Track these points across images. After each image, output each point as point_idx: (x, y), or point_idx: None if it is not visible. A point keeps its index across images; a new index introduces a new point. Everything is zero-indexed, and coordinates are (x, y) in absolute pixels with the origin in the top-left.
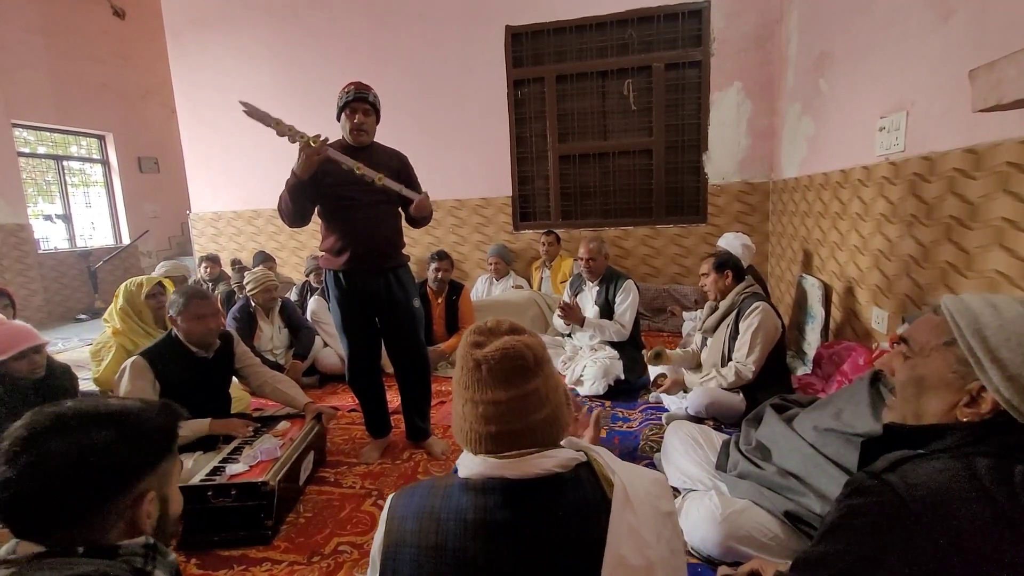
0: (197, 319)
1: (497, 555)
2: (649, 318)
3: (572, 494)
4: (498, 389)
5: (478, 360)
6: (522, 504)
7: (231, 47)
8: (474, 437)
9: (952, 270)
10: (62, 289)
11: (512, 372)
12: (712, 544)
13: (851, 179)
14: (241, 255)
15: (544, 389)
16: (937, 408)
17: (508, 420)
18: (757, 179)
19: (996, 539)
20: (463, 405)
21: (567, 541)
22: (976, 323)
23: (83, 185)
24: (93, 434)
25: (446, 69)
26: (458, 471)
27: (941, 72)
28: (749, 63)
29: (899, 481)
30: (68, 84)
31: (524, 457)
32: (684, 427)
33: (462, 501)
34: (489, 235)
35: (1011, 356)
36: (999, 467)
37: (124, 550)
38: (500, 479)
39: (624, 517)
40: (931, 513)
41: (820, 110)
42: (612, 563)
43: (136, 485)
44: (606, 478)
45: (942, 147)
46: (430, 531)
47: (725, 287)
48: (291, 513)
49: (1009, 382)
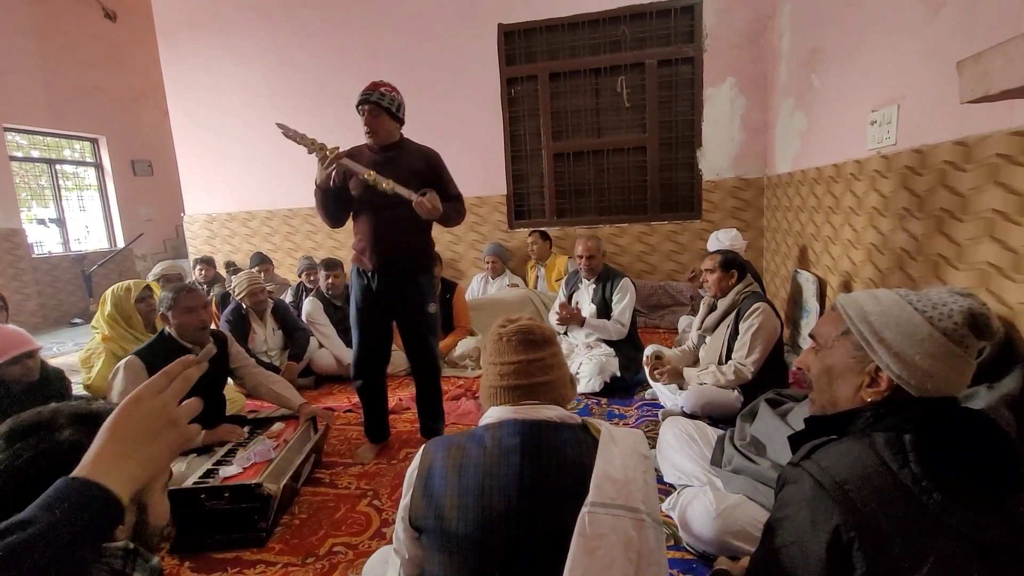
0: (187, 312)
1: (508, 467)
2: (645, 315)
3: (567, 434)
4: (516, 353)
5: (501, 333)
6: (528, 434)
7: (223, 48)
8: (495, 391)
9: (944, 262)
10: (56, 293)
11: (527, 343)
12: (707, 539)
13: (844, 173)
14: (236, 257)
15: (550, 361)
16: (846, 392)
17: (520, 376)
18: (751, 175)
19: (896, 507)
20: (489, 368)
21: (563, 463)
22: (862, 312)
23: (77, 189)
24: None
25: (439, 68)
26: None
27: (931, 65)
28: (742, 59)
29: (813, 465)
30: (60, 87)
31: (532, 405)
32: (679, 423)
33: (483, 435)
34: (484, 234)
35: (893, 336)
36: (893, 440)
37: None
38: (512, 420)
39: (608, 446)
40: (842, 491)
41: (813, 105)
42: (599, 474)
43: None
44: (595, 428)
45: (933, 140)
46: (456, 455)
47: (729, 286)
48: (286, 514)
49: (895, 358)
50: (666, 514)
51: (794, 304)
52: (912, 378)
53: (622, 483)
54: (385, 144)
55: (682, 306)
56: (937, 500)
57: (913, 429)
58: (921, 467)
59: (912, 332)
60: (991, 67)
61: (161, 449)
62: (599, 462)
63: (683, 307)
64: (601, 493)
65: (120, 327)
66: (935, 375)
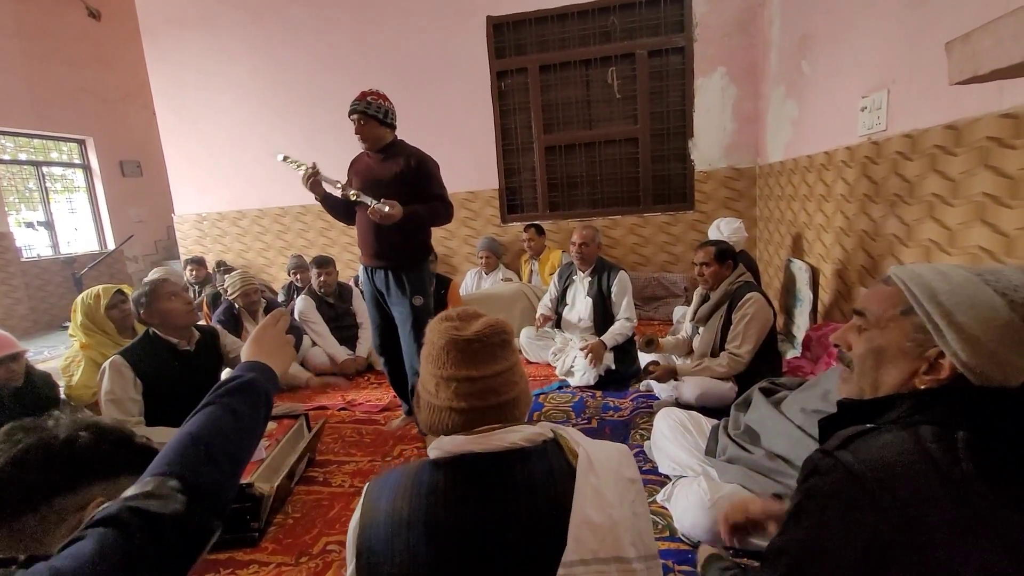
0: (168, 298)
1: (465, 524)
2: (640, 307)
3: (539, 465)
4: (477, 365)
5: (455, 337)
6: (490, 475)
7: (209, 46)
8: (446, 415)
9: (935, 247)
10: (47, 297)
11: (491, 349)
12: (702, 529)
13: (835, 160)
14: (227, 256)
15: (516, 371)
16: (896, 378)
17: (482, 396)
18: (743, 164)
19: (940, 506)
20: (436, 385)
21: (534, 508)
22: (930, 290)
23: (66, 191)
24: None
25: (428, 62)
26: (429, 455)
27: (920, 48)
28: (732, 47)
29: (850, 457)
30: (45, 88)
31: (491, 432)
32: (673, 414)
33: (433, 477)
34: (477, 229)
35: (966, 319)
36: (942, 435)
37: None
38: (469, 454)
39: (588, 480)
40: (880, 485)
41: (803, 92)
42: (578, 521)
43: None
44: (571, 450)
45: (923, 124)
46: (402, 508)
47: (724, 277)
48: (279, 514)
49: (967, 344)
50: (661, 504)
51: (787, 293)
52: (981, 367)
53: (606, 528)
54: (377, 148)
55: (676, 297)
56: (990, 503)
57: (967, 424)
58: (974, 466)
59: (990, 316)
60: (979, 47)
61: (284, 356)
62: (577, 503)
63: (677, 298)
64: (581, 547)
65: (96, 334)
66: (1006, 364)
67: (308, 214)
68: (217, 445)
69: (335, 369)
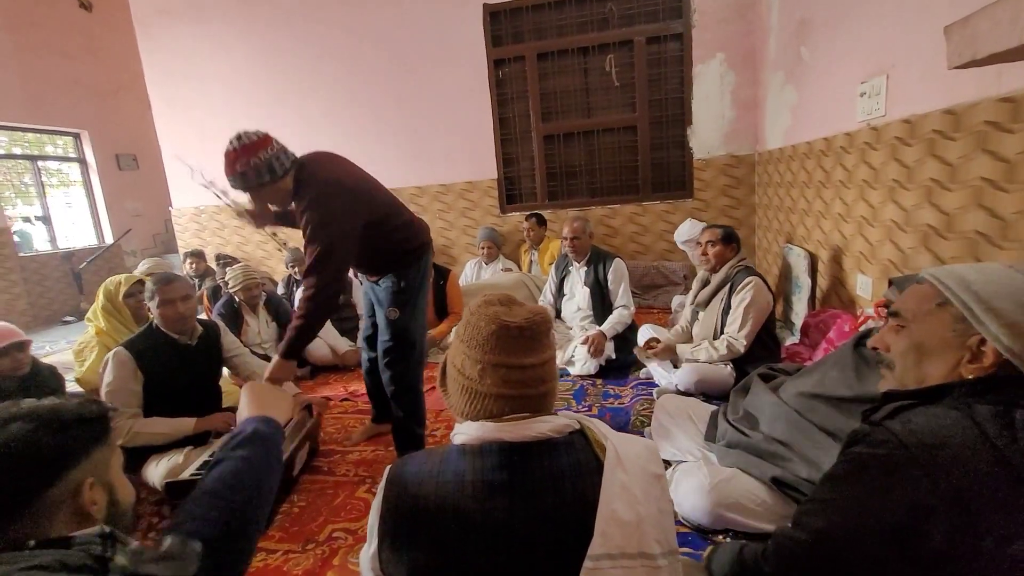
0: (164, 304)
1: (493, 513)
2: (639, 295)
3: (566, 457)
4: (537, 353)
5: (519, 325)
6: (518, 465)
7: (202, 36)
8: (484, 400)
9: (933, 232)
10: (46, 292)
11: (544, 336)
12: (702, 512)
13: (834, 147)
14: (226, 249)
15: (553, 363)
16: (941, 370)
17: (526, 385)
18: (742, 151)
19: (994, 483)
20: (481, 371)
21: (561, 500)
22: (963, 281)
23: (62, 185)
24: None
25: (424, 50)
26: (453, 440)
27: (919, 32)
28: (731, 33)
29: (900, 427)
30: (38, 81)
31: (521, 421)
32: (674, 400)
33: (460, 464)
34: (476, 219)
35: (1004, 305)
36: (1000, 413)
37: (79, 540)
38: (497, 442)
39: (616, 475)
40: (931, 456)
41: (802, 78)
42: (605, 517)
43: (68, 473)
44: (599, 443)
45: (922, 109)
46: (428, 493)
47: (727, 259)
48: (285, 503)
49: (1007, 329)
50: None
51: (785, 280)
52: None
53: (633, 525)
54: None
55: (675, 286)
56: None
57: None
58: None
59: None
60: (978, 31)
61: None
62: (605, 498)
63: (676, 287)
64: (608, 541)
65: (114, 320)
66: None
67: None
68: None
69: (336, 360)
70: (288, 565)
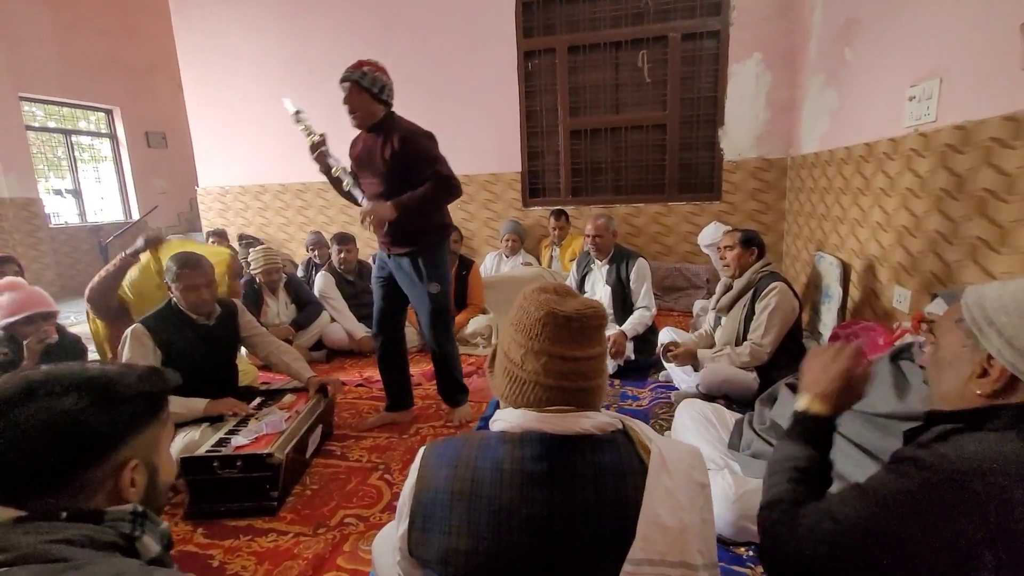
0: (188, 290)
1: (531, 504)
2: (660, 297)
3: (609, 455)
4: (584, 346)
5: (567, 315)
6: (558, 458)
7: (236, 18)
8: (530, 388)
9: (983, 246)
10: (74, 264)
11: (595, 331)
12: (724, 523)
13: (876, 152)
14: (249, 230)
15: (604, 359)
16: (954, 384)
17: (574, 378)
18: (775, 155)
19: None
20: (523, 355)
21: (602, 499)
22: (980, 297)
23: (93, 161)
24: (65, 400)
25: (455, 39)
26: (492, 427)
27: (979, 34)
28: (770, 33)
29: (951, 451)
30: (75, 57)
31: (563, 414)
32: (695, 405)
33: (499, 451)
34: (498, 211)
35: (1006, 319)
36: None
37: (110, 516)
38: (539, 432)
39: (660, 479)
40: (983, 485)
41: (845, 81)
42: (647, 521)
43: (113, 454)
44: (643, 445)
45: (978, 115)
46: (465, 478)
47: (748, 264)
48: (297, 485)
49: (1007, 345)
50: None
51: (814, 288)
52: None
53: (676, 532)
54: (368, 125)
55: (698, 289)
56: None
57: None
58: None
59: None
60: None
61: None
62: (648, 500)
63: (699, 290)
64: (649, 546)
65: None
66: None
67: (329, 191)
68: None
69: (352, 346)
70: (299, 548)
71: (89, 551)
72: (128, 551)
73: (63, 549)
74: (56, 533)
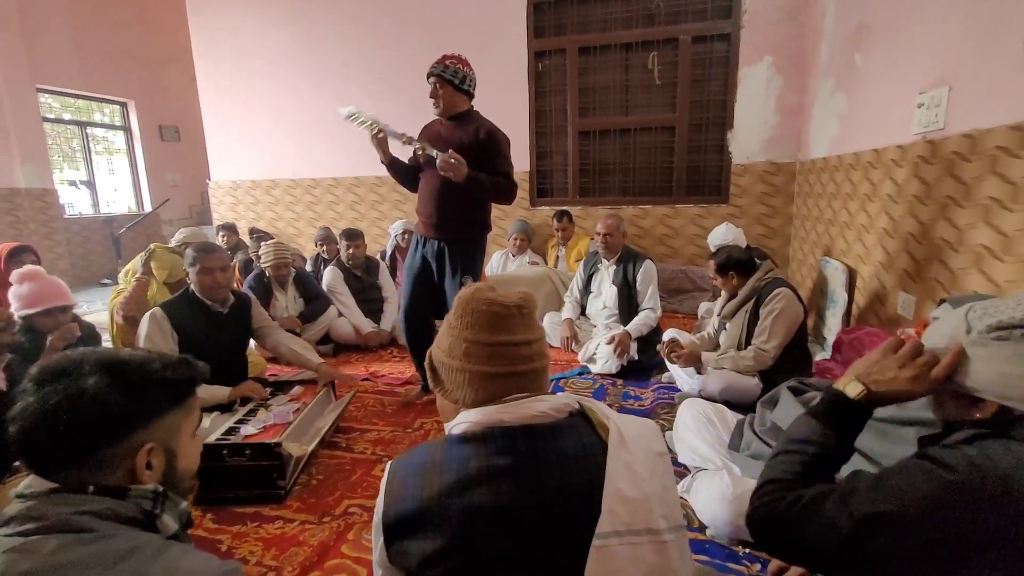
0: (203, 272)
1: (500, 499)
2: (665, 299)
3: (571, 439)
4: (518, 331)
5: (501, 302)
6: (522, 449)
7: (250, 14)
8: (480, 379)
9: (988, 253)
10: (87, 254)
11: (529, 316)
12: (722, 523)
13: (884, 159)
14: (259, 224)
15: (544, 340)
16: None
17: (519, 361)
18: (783, 159)
19: None
20: (466, 347)
21: (567, 483)
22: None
23: (107, 152)
24: (88, 380)
25: (466, 38)
26: (452, 431)
27: (988, 44)
28: (781, 36)
29: (979, 456)
30: (91, 49)
31: (519, 400)
32: (698, 405)
33: (463, 451)
34: (504, 210)
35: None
36: None
37: (134, 492)
38: (499, 426)
39: (620, 455)
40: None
41: (855, 86)
42: (611, 495)
43: (130, 434)
44: (601, 424)
45: (986, 124)
46: (432, 483)
47: (736, 286)
48: (303, 475)
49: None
50: (680, 495)
51: (819, 293)
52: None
53: (639, 502)
54: (449, 114)
55: (703, 291)
56: None
57: None
58: None
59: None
60: None
61: None
62: (610, 478)
63: (704, 292)
64: (615, 519)
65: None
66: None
67: (339, 187)
68: None
69: (359, 340)
70: (304, 535)
71: (113, 524)
72: (148, 527)
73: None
74: (83, 505)
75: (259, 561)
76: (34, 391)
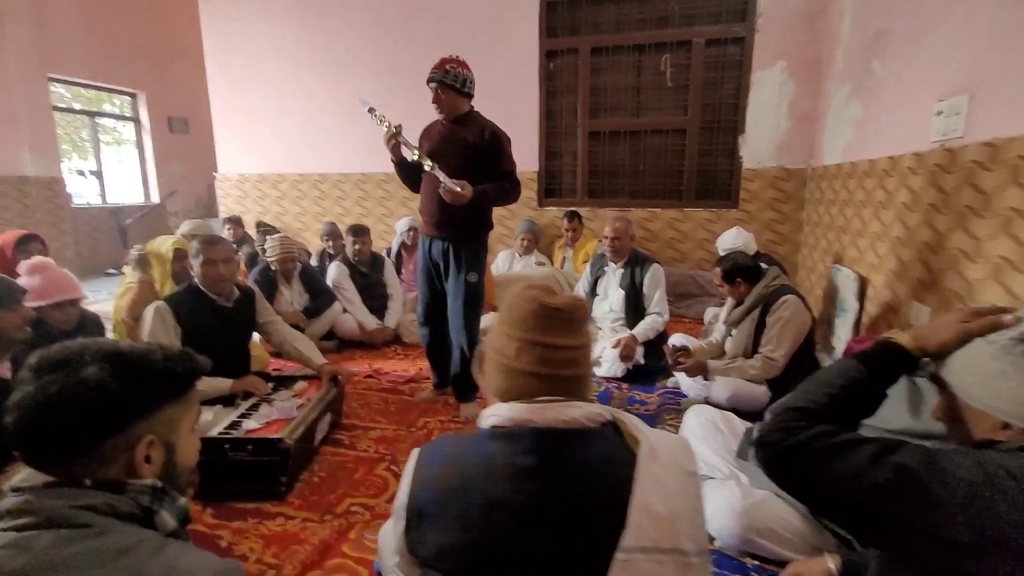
0: (206, 264)
1: (522, 498)
2: (672, 303)
3: (599, 447)
4: (573, 335)
5: (545, 303)
6: (549, 451)
7: (261, 7)
8: (518, 379)
9: (1007, 265)
10: (94, 244)
11: (574, 323)
12: (730, 534)
13: (900, 167)
14: (265, 218)
15: (588, 349)
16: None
17: (561, 365)
18: (795, 165)
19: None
20: (517, 349)
21: (592, 490)
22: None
23: (115, 143)
24: (88, 369)
25: (478, 36)
26: (483, 422)
27: (1010, 53)
28: (796, 41)
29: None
30: (102, 40)
31: (552, 403)
32: (705, 411)
33: (489, 447)
34: (512, 210)
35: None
36: None
37: (131, 488)
38: (528, 425)
39: (650, 468)
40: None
41: (871, 93)
42: (638, 508)
43: (130, 427)
44: (632, 436)
45: (1008, 133)
46: (456, 475)
47: (742, 292)
48: (305, 472)
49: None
50: None
51: (829, 301)
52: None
53: (667, 520)
54: (451, 117)
55: (711, 296)
56: None
57: None
58: None
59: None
60: None
61: None
62: (639, 490)
63: (711, 297)
64: (641, 534)
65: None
66: None
67: (346, 182)
68: None
69: (363, 337)
70: (305, 533)
71: (110, 519)
72: (146, 523)
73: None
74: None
75: (259, 559)
76: (32, 380)
